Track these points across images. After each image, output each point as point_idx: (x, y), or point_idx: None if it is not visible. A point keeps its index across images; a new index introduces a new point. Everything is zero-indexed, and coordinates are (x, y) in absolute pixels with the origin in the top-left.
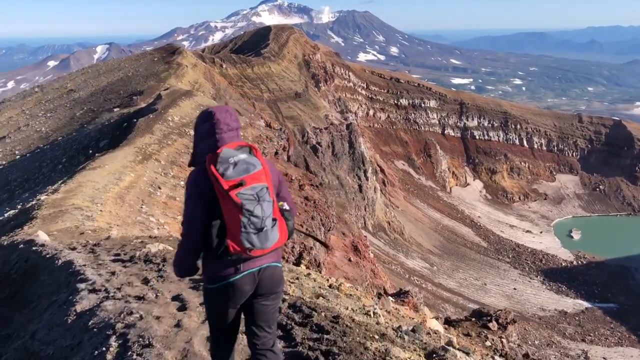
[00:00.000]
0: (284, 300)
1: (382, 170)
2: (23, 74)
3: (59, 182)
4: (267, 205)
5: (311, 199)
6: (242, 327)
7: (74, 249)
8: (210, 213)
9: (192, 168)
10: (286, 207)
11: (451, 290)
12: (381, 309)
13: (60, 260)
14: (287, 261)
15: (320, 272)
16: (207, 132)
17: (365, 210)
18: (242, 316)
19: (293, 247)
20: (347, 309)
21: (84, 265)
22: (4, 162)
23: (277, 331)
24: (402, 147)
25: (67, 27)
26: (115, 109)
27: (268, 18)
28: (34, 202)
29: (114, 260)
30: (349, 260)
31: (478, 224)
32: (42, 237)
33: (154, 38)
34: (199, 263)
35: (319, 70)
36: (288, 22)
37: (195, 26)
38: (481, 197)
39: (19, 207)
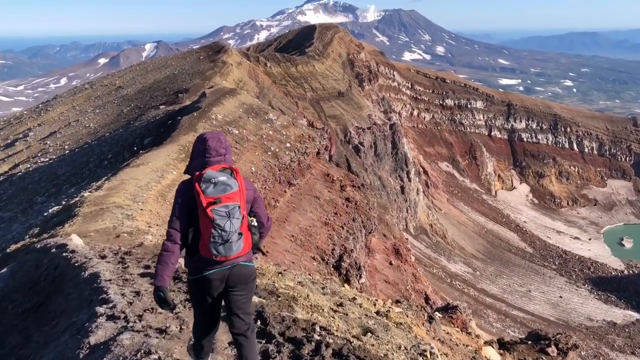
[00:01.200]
0: (327, 345)
1: (426, 172)
2: (75, 70)
3: (103, 178)
4: (235, 222)
5: (352, 200)
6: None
7: (104, 257)
8: (190, 218)
9: (186, 176)
10: (254, 223)
11: (494, 296)
12: (434, 337)
13: (87, 272)
14: (326, 263)
15: (360, 278)
16: (200, 153)
17: (407, 212)
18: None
19: (333, 249)
20: (399, 348)
21: (109, 280)
22: (54, 157)
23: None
24: (447, 149)
25: (117, 25)
26: (161, 107)
27: (313, 17)
28: (77, 199)
29: (142, 274)
30: (390, 263)
31: (524, 229)
32: (75, 240)
33: (200, 36)
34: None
35: (363, 70)
36: (333, 21)
37: (241, 25)
38: (527, 202)
39: (64, 202)
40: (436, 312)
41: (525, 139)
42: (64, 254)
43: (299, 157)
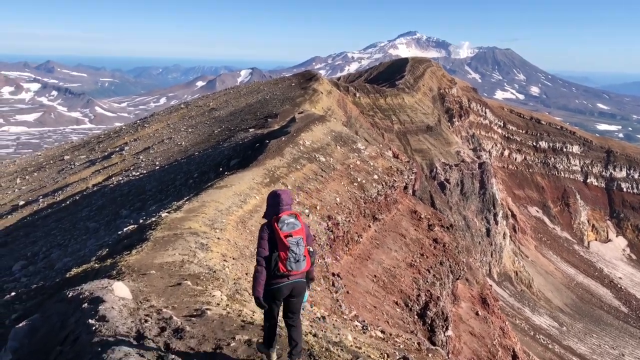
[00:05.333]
0: None
1: (514, 215)
2: (174, 91)
3: (185, 198)
4: (301, 248)
5: (440, 242)
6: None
7: (140, 336)
8: (270, 248)
9: (264, 220)
10: (311, 249)
11: (582, 356)
12: None
13: None
14: (410, 310)
15: (447, 330)
16: (275, 203)
17: (491, 256)
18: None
19: (419, 295)
20: None
21: None
22: (144, 172)
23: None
24: (538, 193)
25: (217, 51)
26: (250, 130)
27: (405, 51)
28: (154, 219)
29: None
30: (477, 313)
31: (618, 285)
32: (117, 292)
33: (293, 65)
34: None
35: (454, 105)
36: (425, 56)
37: (333, 56)
38: (624, 256)
39: (141, 221)
40: None
41: (625, 189)
42: (90, 321)
43: (386, 190)
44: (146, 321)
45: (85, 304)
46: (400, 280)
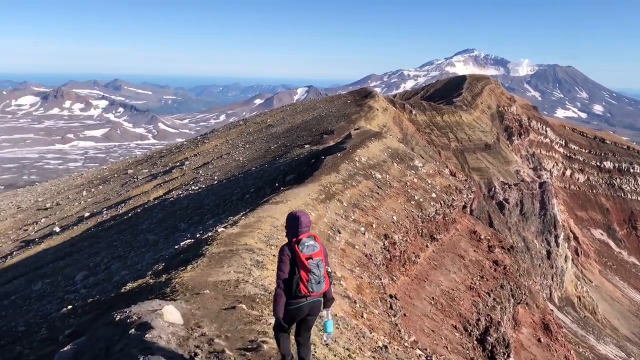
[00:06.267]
0: None
1: (576, 238)
2: (233, 109)
3: (241, 213)
4: (321, 270)
5: (501, 264)
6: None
7: None
8: (292, 270)
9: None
10: (329, 269)
11: None
12: None
13: None
14: (469, 335)
15: (508, 357)
16: (294, 225)
17: (552, 279)
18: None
19: (478, 319)
20: None
21: None
22: (203, 186)
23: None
24: (602, 215)
25: (275, 70)
26: (306, 146)
27: (462, 68)
28: (211, 234)
29: None
30: (539, 340)
31: None
32: (167, 316)
33: (349, 83)
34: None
35: (513, 123)
36: (483, 74)
37: (388, 74)
38: None
39: (198, 235)
40: None
41: None
42: (135, 352)
43: (445, 209)
44: (196, 355)
45: (132, 330)
46: (459, 304)
